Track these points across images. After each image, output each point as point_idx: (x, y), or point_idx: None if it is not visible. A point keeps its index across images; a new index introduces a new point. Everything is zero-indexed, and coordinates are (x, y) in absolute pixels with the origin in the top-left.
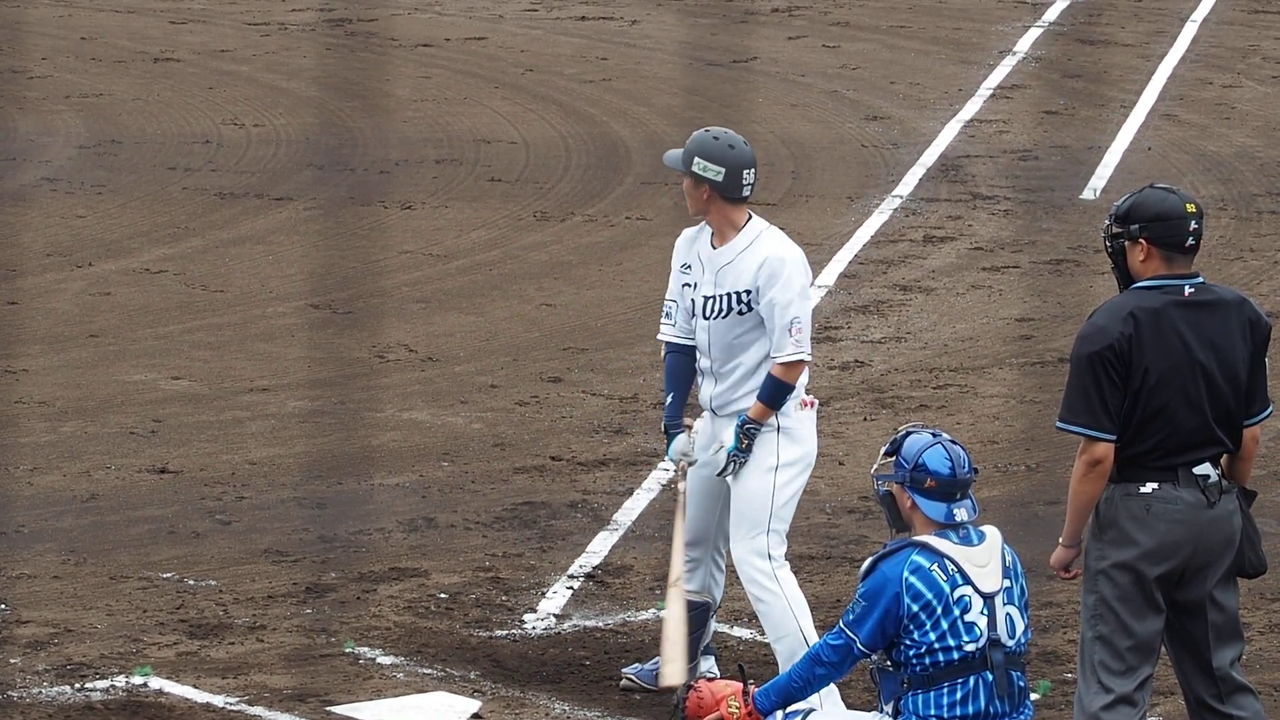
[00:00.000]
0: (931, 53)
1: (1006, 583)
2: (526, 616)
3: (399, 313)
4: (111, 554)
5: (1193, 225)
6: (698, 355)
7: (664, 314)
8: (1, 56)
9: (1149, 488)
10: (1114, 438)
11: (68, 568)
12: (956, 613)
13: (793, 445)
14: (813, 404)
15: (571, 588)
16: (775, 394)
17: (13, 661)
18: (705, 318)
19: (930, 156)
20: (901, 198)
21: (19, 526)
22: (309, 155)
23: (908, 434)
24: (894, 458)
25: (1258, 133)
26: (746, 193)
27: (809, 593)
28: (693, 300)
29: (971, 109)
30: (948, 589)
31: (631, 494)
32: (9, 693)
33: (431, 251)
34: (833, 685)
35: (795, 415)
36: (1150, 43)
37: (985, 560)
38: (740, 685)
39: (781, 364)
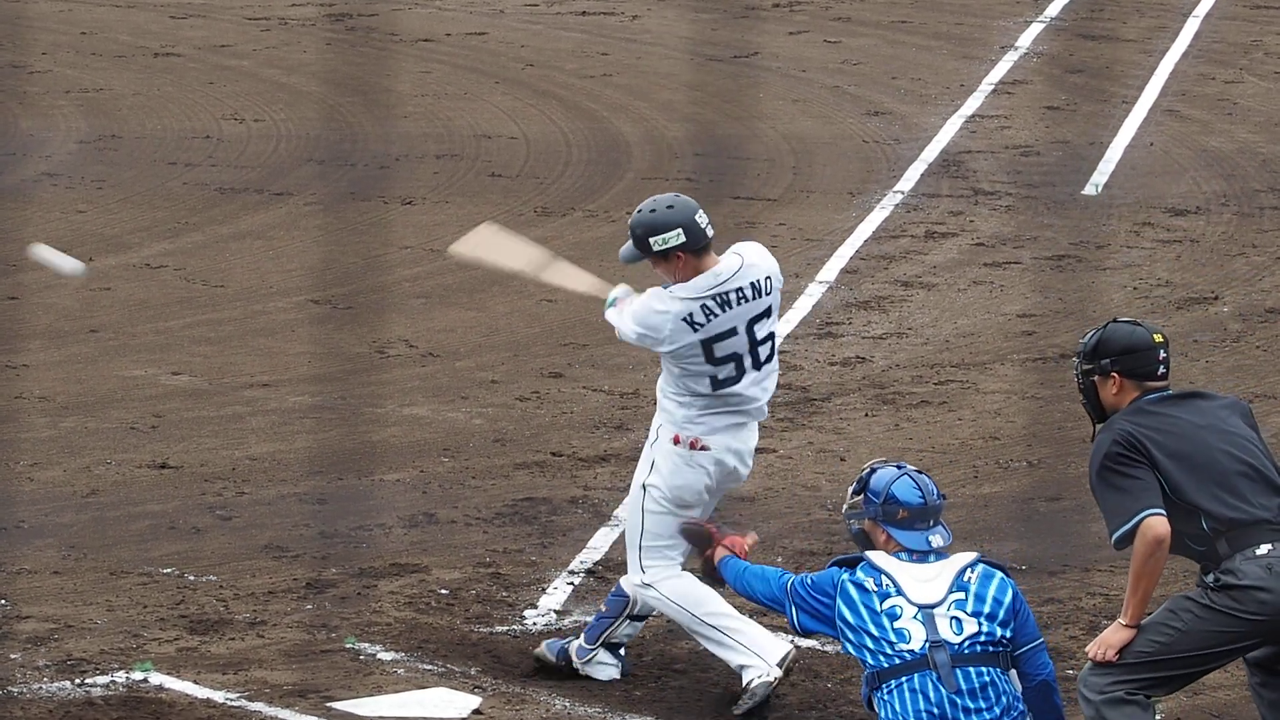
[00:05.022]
0: (933, 48)
1: (958, 595)
2: (527, 612)
3: (399, 308)
4: (112, 549)
5: (1161, 354)
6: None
7: None
8: (2, 51)
9: (1264, 549)
10: (1162, 510)
11: (68, 563)
12: (885, 620)
13: (657, 474)
14: (682, 442)
15: (572, 583)
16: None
17: (13, 657)
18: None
19: (932, 152)
20: (903, 193)
21: (19, 522)
22: (309, 150)
23: (873, 470)
24: (862, 495)
25: (1260, 128)
26: (710, 232)
27: None
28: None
29: (973, 104)
30: (877, 600)
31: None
32: (9, 688)
33: (432, 247)
34: None
35: (664, 448)
36: (1152, 38)
37: (931, 576)
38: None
39: None
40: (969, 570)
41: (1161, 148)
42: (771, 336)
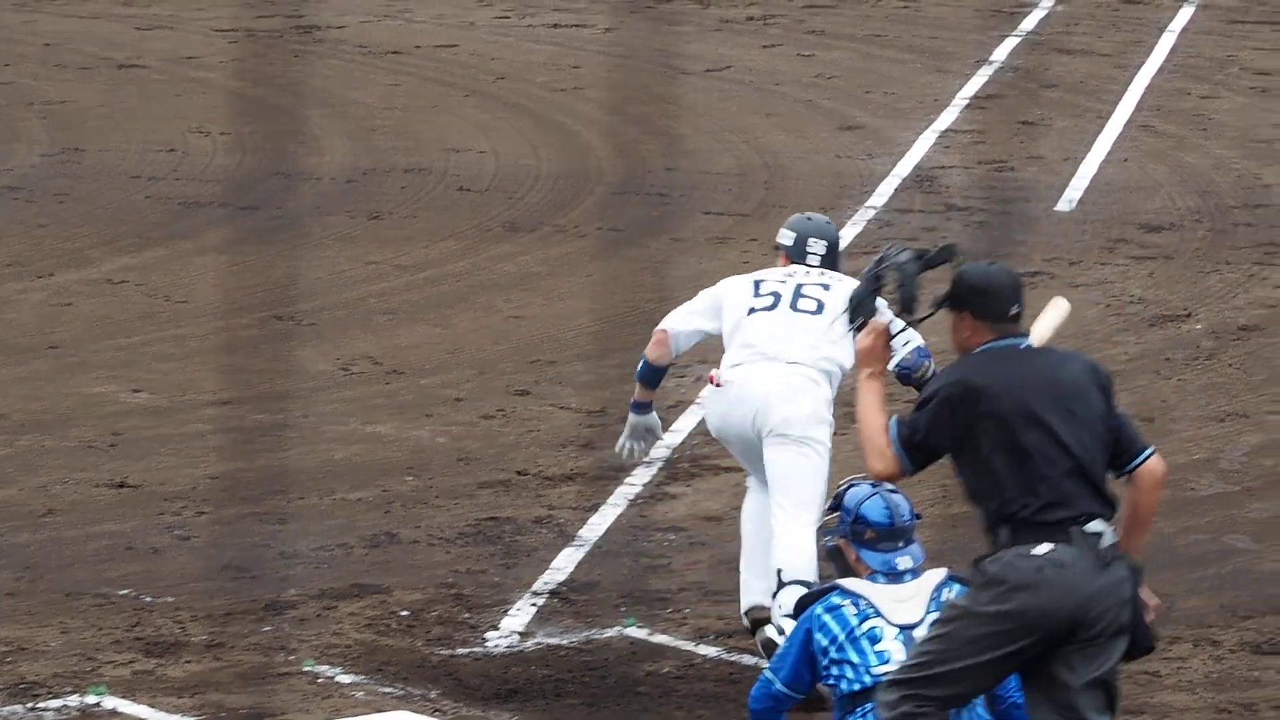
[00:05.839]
0: (907, 62)
1: (936, 615)
2: (489, 634)
3: (364, 324)
4: (68, 570)
5: (1014, 295)
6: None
7: None
8: None
9: (1042, 549)
10: (909, 469)
11: (22, 584)
12: (865, 643)
13: None
14: (715, 381)
15: (535, 605)
16: None
17: None
18: None
19: (905, 167)
20: (876, 209)
21: None
22: (275, 164)
23: (849, 486)
24: (837, 512)
25: (1234, 144)
26: (812, 261)
27: None
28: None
29: (947, 119)
30: (855, 622)
31: (598, 509)
32: None
33: (398, 262)
34: None
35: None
36: (1127, 53)
37: (909, 595)
38: None
39: None
40: (945, 589)
41: (1136, 163)
42: (820, 304)
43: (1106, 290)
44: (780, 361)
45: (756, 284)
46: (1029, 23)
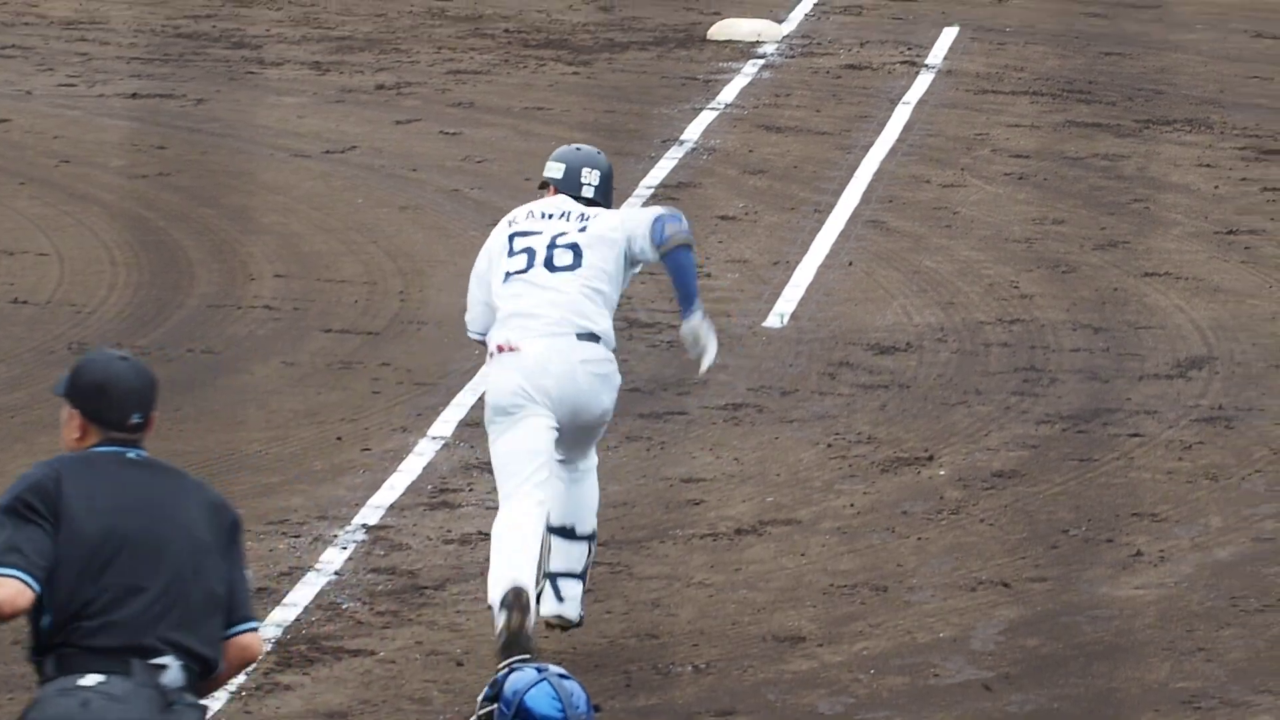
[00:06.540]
0: (577, 140)
1: None
2: None
3: None
4: None
5: (139, 403)
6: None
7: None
8: None
9: (90, 680)
10: (31, 583)
11: None
12: None
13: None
14: (493, 350)
15: None
16: None
17: None
18: None
19: None
20: None
21: None
22: None
23: (510, 671)
24: (495, 705)
25: (986, 244)
26: (587, 193)
27: None
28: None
29: None
30: None
31: None
32: None
33: None
34: None
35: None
36: (852, 130)
37: None
38: None
39: None
40: None
41: (863, 268)
42: (575, 247)
43: (827, 427)
44: (562, 336)
45: (511, 238)
46: (728, 93)
